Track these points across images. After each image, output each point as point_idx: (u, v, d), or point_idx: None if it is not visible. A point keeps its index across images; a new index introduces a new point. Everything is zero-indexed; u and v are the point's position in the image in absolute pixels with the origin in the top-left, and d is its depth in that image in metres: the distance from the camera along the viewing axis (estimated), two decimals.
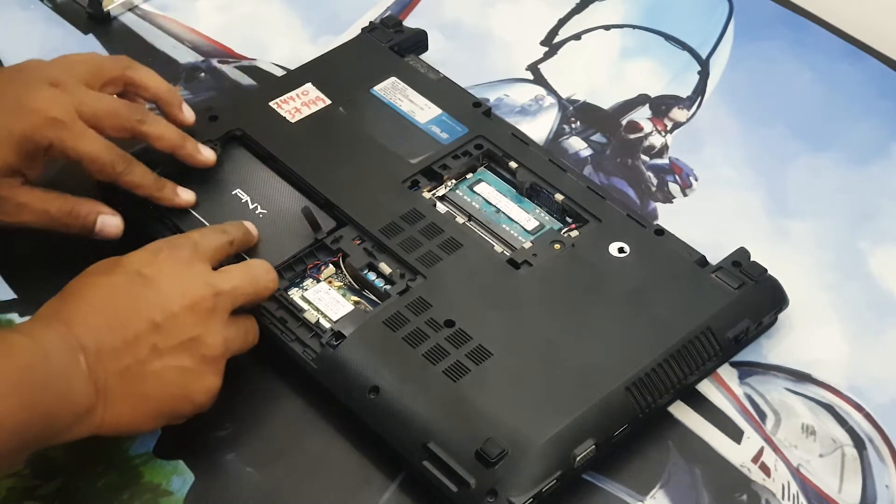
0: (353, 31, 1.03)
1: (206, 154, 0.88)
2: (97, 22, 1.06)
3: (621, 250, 0.85)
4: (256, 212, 0.87)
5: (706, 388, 0.82)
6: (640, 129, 0.99)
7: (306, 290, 0.84)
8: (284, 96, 0.94)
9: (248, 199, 0.88)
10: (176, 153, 0.86)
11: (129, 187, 0.84)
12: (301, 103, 0.94)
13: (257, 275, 0.79)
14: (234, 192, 0.88)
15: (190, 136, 0.88)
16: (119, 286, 0.74)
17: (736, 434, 0.80)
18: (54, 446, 0.78)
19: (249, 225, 0.83)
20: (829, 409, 0.82)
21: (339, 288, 0.84)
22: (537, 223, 0.87)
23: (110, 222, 0.84)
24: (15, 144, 0.80)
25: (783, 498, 0.77)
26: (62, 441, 0.72)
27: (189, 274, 0.75)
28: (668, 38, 1.06)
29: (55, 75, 0.83)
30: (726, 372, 0.83)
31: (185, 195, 0.86)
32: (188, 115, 0.89)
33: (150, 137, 0.85)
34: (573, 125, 0.99)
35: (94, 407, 0.71)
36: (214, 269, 0.77)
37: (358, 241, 0.85)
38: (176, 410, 0.75)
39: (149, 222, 0.86)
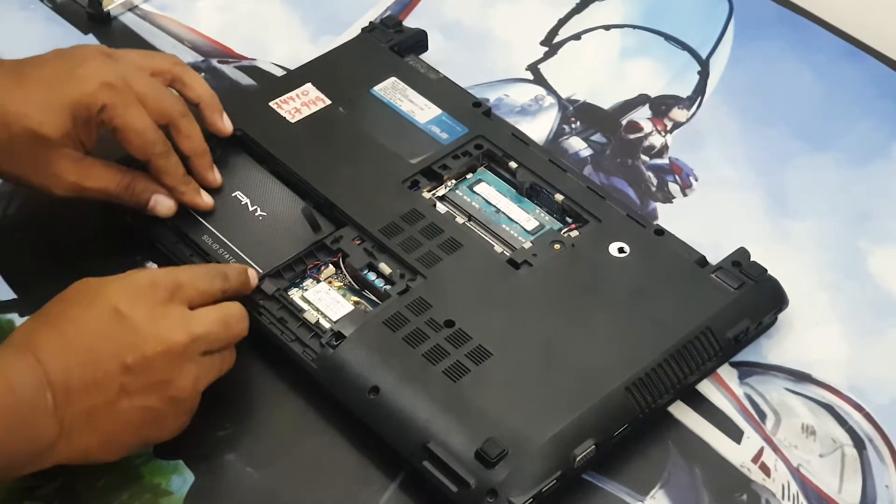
0: (353, 31, 1.03)
1: (216, 175, 0.88)
2: (97, 22, 1.06)
3: (621, 250, 0.85)
4: (256, 213, 0.87)
5: (706, 388, 0.82)
6: (640, 129, 0.99)
7: (306, 290, 0.84)
8: (284, 96, 0.94)
9: (248, 200, 0.88)
10: (193, 160, 0.86)
11: (158, 172, 0.85)
12: (301, 103, 0.94)
13: (230, 321, 0.77)
14: (234, 194, 0.88)
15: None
16: (94, 322, 0.73)
17: (736, 434, 0.80)
18: None
19: (252, 273, 0.82)
20: (829, 409, 0.82)
21: (339, 288, 0.84)
22: (537, 223, 0.87)
23: (163, 202, 0.85)
24: (70, 109, 0.81)
25: (783, 498, 0.77)
26: (21, 474, 0.72)
27: (165, 317, 0.74)
28: (668, 38, 1.06)
29: (109, 51, 0.85)
30: (726, 372, 0.83)
31: (207, 199, 0.87)
32: (227, 124, 0.89)
33: (182, 134, 0.85)
34: (573, 125, 0.99)
35: (56, 443, 0.71)
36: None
37: (358, 242, 0.85)
38: (144, 442, 0.76)
39: (154, 226, 0.86)
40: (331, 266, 0.85)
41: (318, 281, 0.84)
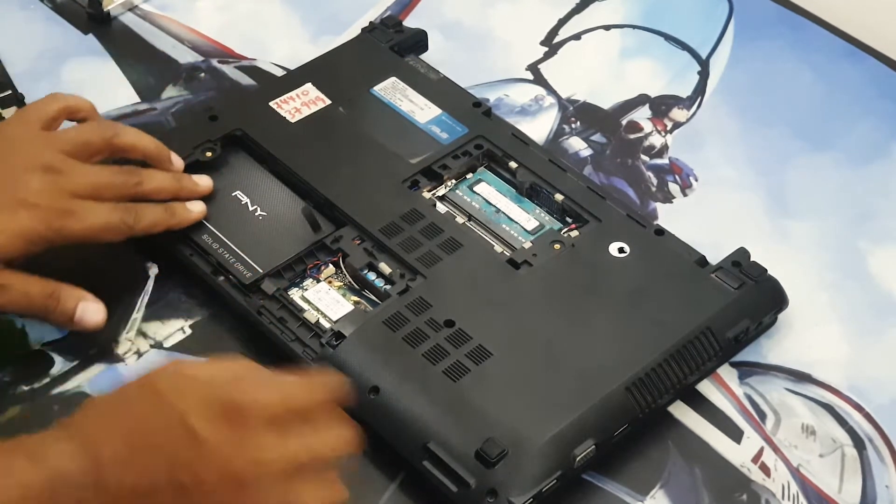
0: (353, 31, 1.03)
1: (204, 183, 0.87)
2: (97, 22, 1.06)
3: (621, 250, 0.85)
4: (256, 213, 0.87)
5: (706, 388, 0.82)
6: (640, 129, 0.99)
7: (306, 290, 0.84)
8: (284, 96, 0.94)
9: (248, 200, 0.88)
10: (177, 197, 0.85)
11: (146, 233, 0.83)
12: (301, 103, 0.94)
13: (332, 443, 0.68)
14: (234, 194, 0.88)
15: (184, 174, 0.87)
16: (160, 434, 0.65)
17: (736, 434, 0.80)
18: None
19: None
20: (829, 409, 0.82)
21: (339, 288, 0.84)
22: (537, 223, 0.87)
23: (91, 309, 0.81)
24: (22, 238, 0.78)
25: (783, 498, 0.77)
26: None
27: (243, 444, 0.65)
28: (668, 38, 1.06)
29: (45, 158, 0.81)
30: (726, 372, 0.83)
31: (196, 207, 0.86)
32: (178, 164, 0.87)
33: (150, 195, 0.84)
34: (573, 125, 0.99)
35: None
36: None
37: (358, 241, 0.85)
38: None
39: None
40: (331, 266, 0.85)
41: (318, 281, 0.84)
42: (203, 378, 0.67)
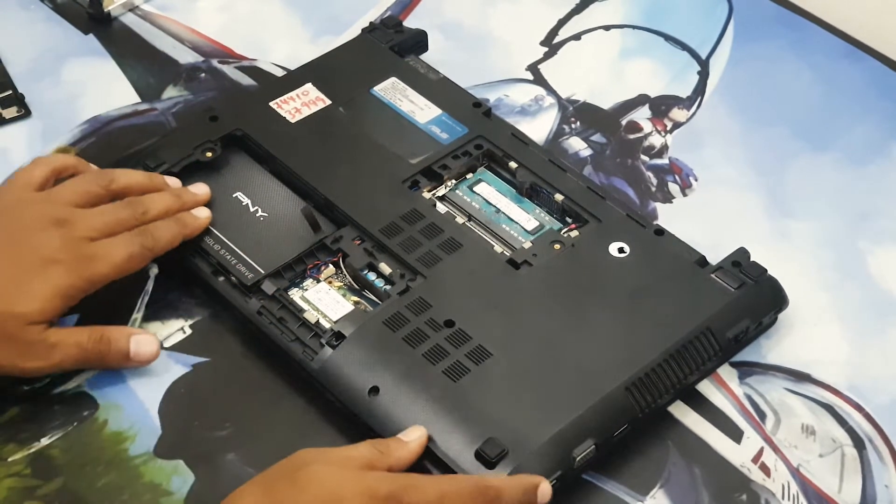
0: (353, 32, 1.03)
1: (202, 191, 0.87)
2: (97, 22, 1.06)
3: (621, 250, 0.85)
4: (257, 214, 0.87)
5: (706, 388, 0.82)
6: (640, 129, 0.99)
7: (306, 290, 0.84)
8: (284, 96, 0.94)
9: (249, 201, 0.88)
10: (181, 211, 0.86)
11: (168, 250, 0.83)
12: (301, 103, 0.94)
13: None
14: (235, 195, 0.88)
15: (185, 189, 0.87)
16: None
17: (736, 434, 0.80)
18: (54, 445, 0.78)
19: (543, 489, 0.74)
20: (828, 409, 0.82)
21: (339, 288, 0.84)
22: (537, 223, 0.87)
23: (144, 341, 0.82)
24: (60, 296, 0.78)
25: (783, 498, 0.77)
26: None
27: None
28: (668, 38, 1.06)
29: (53, 214, 0.81)
30: (726, 372, 0.83)
31: (203, 213, 0.86)
32: (173, 183, 0.87)
33: (159, 218, 0.84)
34: (573, 125, 0.99)
35: None
36: None
37: (358, 242, 0.85)
38: None
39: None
40: (331, 266, 0.85)
41: (319, 281, 0.84)
42: (356, 469, 0.70)
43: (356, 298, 0.83)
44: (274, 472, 0.71)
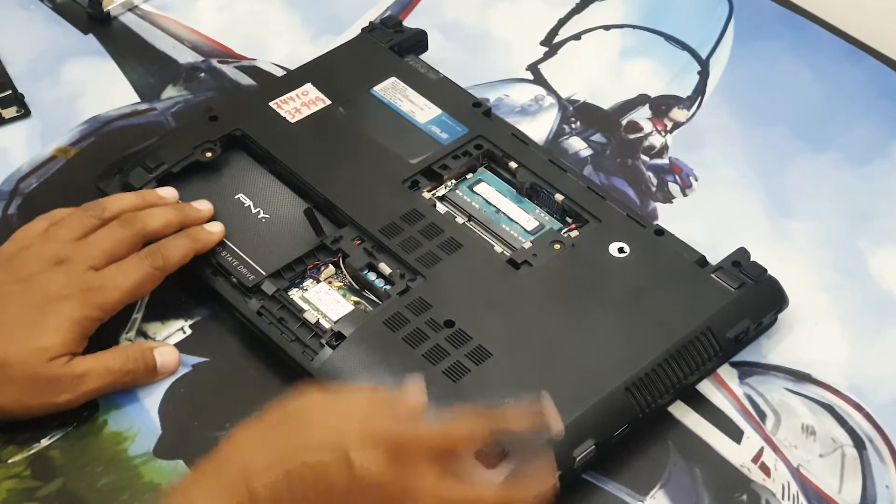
0: (353, 31, 1.03)
1: (205, 207, 0.86)
2: (97, 22, 1.06)
3: (621, 250, 0.85)
4: (259, 216, 0.87)
5: (706, 388, 0.82)
6: (640, 129, 0.99)
7: (306, 290, 0.84)
8: (284, 96, 0.94)
9: (251, 203, 0.88)
10: (185, 225, 0.85)
11: (180, 266, 0.83)
12: (301, 103, 0.94)
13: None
14: (236, 197, 0.88)
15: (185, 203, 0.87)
16: (318, 467, 0.66)
17: (736, 434, 0.80)
18: (54, 446, 0.78)
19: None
20: (829, 409, 0.82)
21: (339, 288, 0.84)
22: (537, 223, 0.87)
23: (166, 352, 0.82)
24: (77, 327, 0.78)
25: (783, 498, 0.77)
26: None
27: (402, 480, 0.66)
28: (668, 38, 1.06)
29: (51, 252, 0.81)
30: (726, 372, 0.83)
31: (216, 228, 0.85)
32: (169, 194, 0.87)
33: (160, 232, 0.84)
34: (573, 125, 0.99)
35: None
36: None
37: (358, 242, 0.85)
38: None
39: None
40: (331, 266, 0.85)
41: (318, 281, 0.84)
42: (359, 411, 0.68)
43: (356, 298, 0.83)
44: (273, 409, 0.70)
